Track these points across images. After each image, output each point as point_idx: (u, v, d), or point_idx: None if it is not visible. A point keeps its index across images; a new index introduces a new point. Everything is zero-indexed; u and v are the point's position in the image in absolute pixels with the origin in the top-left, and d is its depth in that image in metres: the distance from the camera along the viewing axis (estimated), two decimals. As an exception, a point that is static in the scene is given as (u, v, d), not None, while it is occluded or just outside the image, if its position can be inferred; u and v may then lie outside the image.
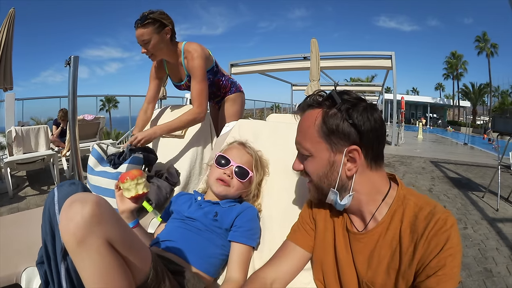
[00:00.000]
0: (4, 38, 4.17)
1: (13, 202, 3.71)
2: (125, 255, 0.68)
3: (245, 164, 1.15)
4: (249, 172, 1.14)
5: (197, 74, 1.63)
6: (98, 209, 0.62)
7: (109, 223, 0.64)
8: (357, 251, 0.81)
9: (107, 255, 0.63)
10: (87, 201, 0.62)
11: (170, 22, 1.64)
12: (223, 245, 1.04)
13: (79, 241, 0.60)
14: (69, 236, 0.61)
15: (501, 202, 3.77)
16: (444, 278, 0.64)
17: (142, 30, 1.55)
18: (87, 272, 0.63)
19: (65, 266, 0.72)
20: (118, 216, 0.69)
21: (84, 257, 0.62)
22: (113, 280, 0.64)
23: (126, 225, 0.72)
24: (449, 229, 0.66)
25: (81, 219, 0.60)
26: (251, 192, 1.18)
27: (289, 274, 0.91)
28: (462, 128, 25.91)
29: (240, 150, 1.19)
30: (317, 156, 0.79)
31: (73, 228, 0.60)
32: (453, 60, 44.78)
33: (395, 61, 9.75)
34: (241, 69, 12.61)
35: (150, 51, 1.63)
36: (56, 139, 5.38)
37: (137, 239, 0.75)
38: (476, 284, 2.11)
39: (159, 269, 0.78)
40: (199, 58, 1.64)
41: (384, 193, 0.79)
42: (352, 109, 0.73)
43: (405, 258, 0.70)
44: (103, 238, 0.63)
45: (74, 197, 0.65)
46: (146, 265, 0.74)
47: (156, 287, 0.76)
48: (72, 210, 0.62)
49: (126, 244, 0.68)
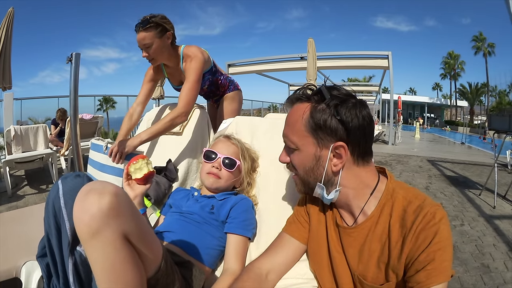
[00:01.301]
0: (3, 37, 4.17)
1: (12, 201, 3.71)
2: (139, 248, 0.66)
3: (232, 154, 1.19)
4: (236, 161, 1.18)
5: (191, 75, 1.62)
6: (116, 201, 0.60)
7: (126, 216, 0.62)
8: (347, 245, 0.81)
9: (121, 248, 0.61)
10: (105, 192, 0.59)
11: (171, 26, 1.64)
12: (220, 237, 1.06)
13: (93, 233, 0.58)
14: (83, 227, 0.59)
15: (498, 200, 3.80)
16: (434, 272, 0.64)
17: (144, 34, 1.54)
18: (98, 264, 0.61)
19: (72, 261, 0.70)
20: (135, 208, 0.67)
21: (97, 249, 0.60)
22: (125, 274, 0.62)
23: (141, 217, 0.70)
24: (438, 222, 0.66)
25: (98, 211, 0.58)
26: (243, 181, 1.22)
27: (284, 265, 0.92)
28: (459, 128, 26.02)
29: (225, 143, 1.24)
30: (304, 150, 0.79)
31: (88, 219, 0.58)
32: (450, 60, 44.99)
33: (391, 61, 9.81)
34: (238, 69, 12.61)
35: (151, 56, 1.62)
36: (54, 138, 5.37)
37: (151, 231, 0.74)
38: (474, 279, 2.13)
39: (169, 261, 0.78)
40: (197, 61, 1.64)
41: (372, 187, 0.80)
42: (340, 105, 0.72)
43: (394, 252, 0.70)
44: (119, 232, 0.60)
45: (91, 185, 0.62)
46: (158, 257, 0.74)
47: (165, 278, 0.76)
48: (88, 200, 0.59)
49: (141, 237, 0.66)
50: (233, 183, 1.21)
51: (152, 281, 0.73)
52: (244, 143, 1.30)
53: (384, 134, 12.95)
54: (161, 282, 0.75)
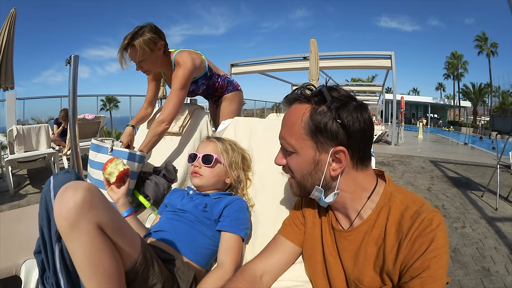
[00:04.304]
0: (5, 38, 4.20)
1: (14, 200, 3.74)
2: (115, 239, 0.72)
3: (210, 151, 1.23)
4: (213, 156, 1.21)
5: (175, 83, 1.63)
6: (89, 195, 0.67)
7: (99, 209, 0.68)
8: (343, 249, 0.80)
9: (96, 237, 0.67)
10: (79, 188, 0.66)
11: (162, 37, 1.62)
12: (213, 236, 1.07)
13: (71, 225, 0.64)
14: (62, 220, 0.65)
15: (500, 201, 3.78)
16: (429, 280, 0.63)
17: (135, 51, 1.54)
18: (77, 253, 0.67)
19: (59, 248, 0.75)
20: (108, 203, 0.73)
21: (75, 239, 0.66)
22: (101, 261, 0.67)
23: (116, 211, 0.76)
24: (435, 229, 0.65)
25: (73, 204, 0.64)
26: (230, 175, 1.24)
27: (279, 267, 0.91)
28: (462, 129, 25.90)
29: (204, 143, 1.29)
30: (302, 153, 0.76)
31: (66, 212, 0.64)
32: (454, 60, 44.73)
33: (394, 61, 9.78)
34: (241, 69, 12.64)
35: (145, 69, 1.64)
36: (57, 138, 5.40)
37: (127, 225, 0.80)
38: (474, 283, 2.11)
39: (148, 255, 0.81)
40: (184, 68, 1.63)
41: (370, 191, 0.78)
42: (342, 108, 0.70)
43: (389, 257, 0.69)
44: (94, 222, 0.67)
45: (68, 184, 0.69)
46: (135, 250, 0.78)
47: (145, 272, 0.79)
48: (65, 196, 0.66)
49: (116, 229, 0.72)
50: (218, 179, 1.22)
51: (132, 274, 0.77)
52: (231, 141, 1.34)
53: (387, 135, 12.91)
54: (141, 275, 0.79)
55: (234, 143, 1.34)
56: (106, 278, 0.68)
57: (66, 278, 0.74)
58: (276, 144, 1.27)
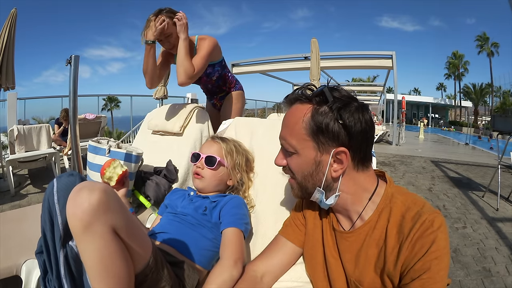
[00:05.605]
0: (6, 38, 4.20)
1: (15, 200, 3.75)
2: (128, 242, 0.70)
3: (214, 152, 1.21)
4: (216, 158, 1.19)
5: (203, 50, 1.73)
6: (105, 196, 0.65)
7: (114, 211, 0.67)
8: (344, 250, 0.80)
9: (110, 241, 0.65)
10: (95, 189, 0.64)
11: None
12: (214, 238, 1.07)
13: (85, 227, 0.62)
14: (76, 221, 0.63)
15: (501, 202, 3.78)
16: (429, 281, 0.63)
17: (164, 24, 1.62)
18: (89, 255, 0.65)
19: (63, 254, 0.74)
20: (123, 205, 0.72)
21: (88, 242, 0.64)
22: (114, 265, 0.66)
23: (130, 214, 0.74)
24: (436, 231, 0.64)
25: (88, 206, 0.62)
26: (232, 178, 1.22)
27: (280, 268, 0.91)
28: (463, 129, 25.87)
29: (208, 143, 1.27)
30: (303, 154, 0.76)
31: (80, 213, 0.62)
32: (455, 60, 44.66)
33: (395, 61, 9.77)
34: (242, 69, 12.65)
35: (172, 43, 1.72)
36: (58, 138, 5.41)
37: (140, 227, 0.78)
38: (475, 284, 2.11)
39: (158, 258, 0.80)
40: (210, 40, 1.76)
41: (371, 192, 0.78)
42: (343, 109, 0.70)
43: (390, 258, 0.69)
44: (109, 225, 0.65)
45: (83, 184, 0.67)
46: (147, 253, 0.77)
47: (154, 275, 0.78)
48: (80, 196, 0.64)
49: (130, 232, 0.71)
50: (220, 181, 1.21)
51: (141, 276, 0.76)
52: (236, 141, 1.32)
53: (388, 135, 12.90)
54: (151, 278, 0.77)
55: (238, 144, 1.32)
56: (116, 281, 0.67)
57: (71, 284, 0.74)
58: (277, 144, 1.28)
